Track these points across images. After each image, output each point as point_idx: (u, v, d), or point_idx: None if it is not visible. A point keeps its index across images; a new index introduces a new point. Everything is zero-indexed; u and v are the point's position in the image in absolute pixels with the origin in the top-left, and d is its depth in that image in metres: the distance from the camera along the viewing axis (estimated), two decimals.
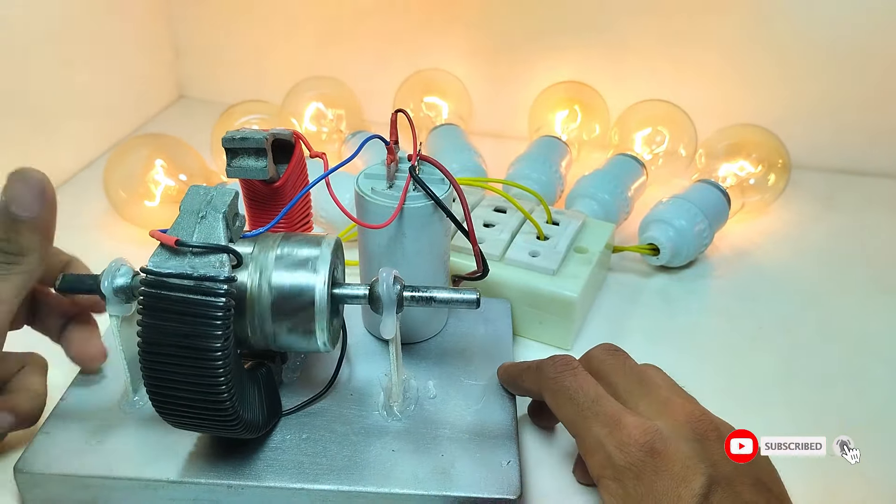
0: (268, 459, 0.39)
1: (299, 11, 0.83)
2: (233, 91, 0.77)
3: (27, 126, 0.67)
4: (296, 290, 0.37)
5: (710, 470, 0.33)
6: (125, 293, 0.38)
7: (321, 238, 0.39)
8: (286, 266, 0.37)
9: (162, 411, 0.36)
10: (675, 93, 0.71)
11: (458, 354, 0.47)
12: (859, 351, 0.53)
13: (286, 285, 0.37)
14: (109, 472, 0.38)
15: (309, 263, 0.37)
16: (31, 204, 0.36)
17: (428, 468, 0.38)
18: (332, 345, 0.39)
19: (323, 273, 0.37)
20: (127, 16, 0.80)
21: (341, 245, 0.41)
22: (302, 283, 0.37)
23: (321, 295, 0.37)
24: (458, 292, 0.38)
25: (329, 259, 0.38)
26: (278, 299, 0.37)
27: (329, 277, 0.37)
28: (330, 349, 0.39)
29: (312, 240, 0.39)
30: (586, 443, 0.36)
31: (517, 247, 0.54)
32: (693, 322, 0.56)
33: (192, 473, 0.38)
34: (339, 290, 0.39)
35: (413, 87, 0.77)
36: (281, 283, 0.37)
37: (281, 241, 0.38)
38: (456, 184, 0.44)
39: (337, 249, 0.39)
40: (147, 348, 0.34)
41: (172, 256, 0.34)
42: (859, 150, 0.76)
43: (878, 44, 0.71)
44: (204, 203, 0.36)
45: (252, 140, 0.39)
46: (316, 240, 0.39)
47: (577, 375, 0.38)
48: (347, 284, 0.39)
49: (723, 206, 0.62)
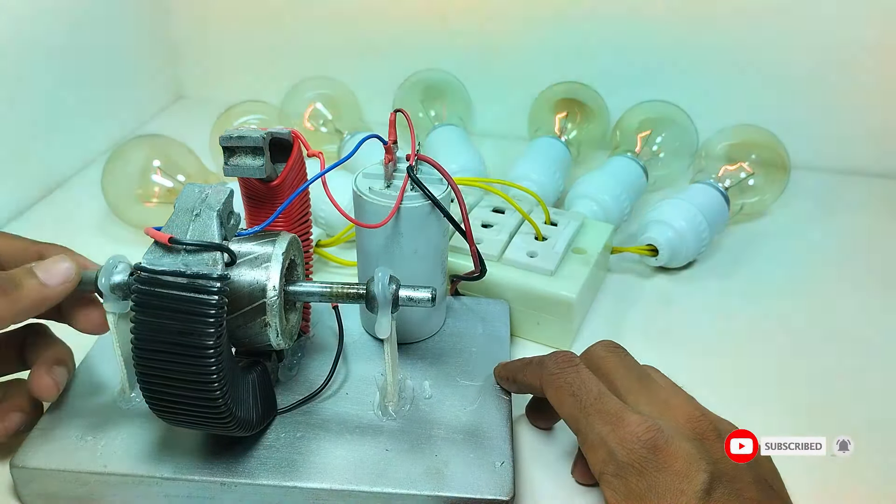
0: (262, 457, 0.39)
1: (298, 12, 0.83)
2: (232, 91, 0.77)
3: (27, 126, 0.67)
4: (247, 287, 0.37)
5: (711, 467, 0.33)
6: (122, 290, 0.38)
7: (276, 235, 0.39)
8: (240, 263, 0.37)
9: (155, 408, 0.36)
10: (676, 93, 0.71)
11: (455, 355, 0.47)
12: (859, 351, 0.53)
13: (239, 281, 0.37)
14: (104, 468, 0.38)
15: (261, 261, 0.37)
16: (52, 277, 0.38)
17: (421, 468, 0.38)
18: (288, 342, 0.39)
19: (274, 270, 0.37)
20: (126, 16, 0.80)
21: (298, 242, 0.41)
22: (253, 281, 0.37)
23: (272, 292, 0.37)
24: (415, 290, 0.38)
25: (281, 257, 0.38)
26: (231, 295, 0.37)
27: (281, 275, 0.37)
28: (285, 346, 0.39)
29: (267, 237, 0.39)
30: (588, 439, 0.36)
31: (515, 247, 0.53)
32: (692, 323, 0.56)
33: (186, 470, 0.38)
34: (293, 287, 0.39)
35: (413, 88, 0.77)
36: (234, 278, 0.37)
37: (238, 239, 0.39)
38: (454, 184, 0.44)
39: (291, 247, 0.39)
40: (140, 345, 0.34)
41: (166, 254, 0.34)
42: (859, 150, 0.76)
43: (879, 44, 0.71)
44: (198, 201, 0.36)
45: (249, 139, 0.39)
46: (271, 237, 0.39)
47: (580, 372, 0.38)
48: (304, 282, 0.40)
49: (722, 207, 0.61)
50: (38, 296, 0.37)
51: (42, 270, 0.38)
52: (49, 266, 0.38)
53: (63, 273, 0.38)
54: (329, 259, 0.59)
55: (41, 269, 0.38)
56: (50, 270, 0.38)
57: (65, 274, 0.38)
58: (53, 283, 0.38)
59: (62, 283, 0.38)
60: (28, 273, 0.37)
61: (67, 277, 0.38)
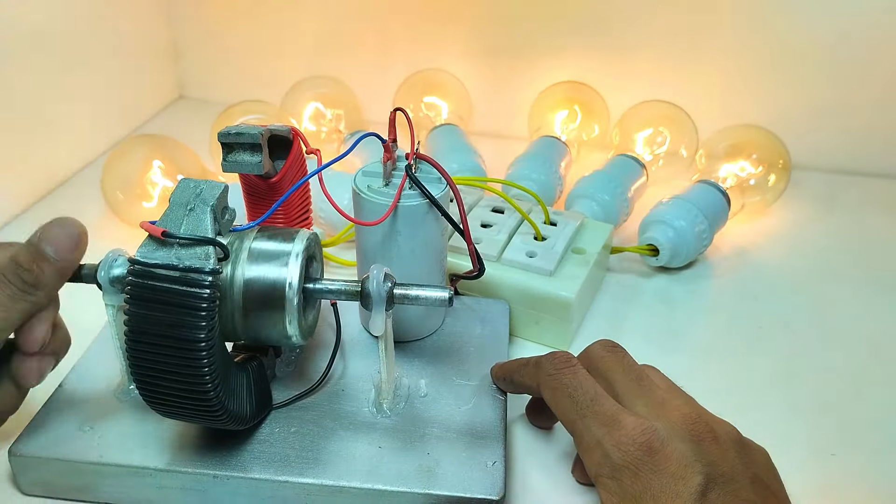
0: (255, 451, 0.39)
1: (299, 11, 0.83)
2: (232, 91, 0.77)
3: (27, 126, 0.67)
4: (267, 284, 0.37)
5: (707, 469, 0.33)
6: (121, 283, 0.38)
7: (296, 232, 0.39)
8: (258, 259, 0.37)
9: (149, 400, 0.36)
10: (676, 93, 0.71)
11: (452, 354, 0.47)
12: (859, 351, 0.52)
13: (257, 278, 0.37)
14: (99, 458, 0.39)
15: (281, 257, 0.37)
16: (64, 248, 0.38)
17: (413, 466, 0.38)
18: (305, 339, 0.39)
19: (294, 267, 0.37)
20: (126, 15, 0.80)
21: (318, 240, 0.41)
22: (272, 277, 0.37)
23: (292, 290, 0.37)
24: (432, 289, 0.38)
25: (301, 254, 0.38)
26: (249, 292, 0.37)
27: (301, 272, 0.37)
28: (302, 343, 0.39)
29: (287, 234, 0.39)
30: (584, 441, 0.36)
31: (514, 247, 0.53)
32: (692, 323, 0.55)
33: (179, 462, 0.38)
34: (312, 285, 0.39)
35: (413, 87, 0.77)
36: (252, 276, 0.37)
37: (257, 235, 0.39)
38: (452, 183, 0.43)
39: (312, 244, 0.39)
40: (133, 337, 0.34)
41: (160, 247, 0.34)
42: (860, 150, 0.75)
43: (879, 44, 0.70)
44: (193, 196, 0.36)
45: (247, 135, 0.39)
46: (291, 234, 0.39)
47: (577, 373, 0.38)
48: (324, 280, 0.39)
49: (723, 207, 0.61)
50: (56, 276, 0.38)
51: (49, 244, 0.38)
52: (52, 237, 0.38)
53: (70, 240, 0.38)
54: (329, 259, 0.59)
55: (49, 244, 0.38)
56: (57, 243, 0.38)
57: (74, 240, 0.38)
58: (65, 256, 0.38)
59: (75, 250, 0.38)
60: (37, 255, 0.37)
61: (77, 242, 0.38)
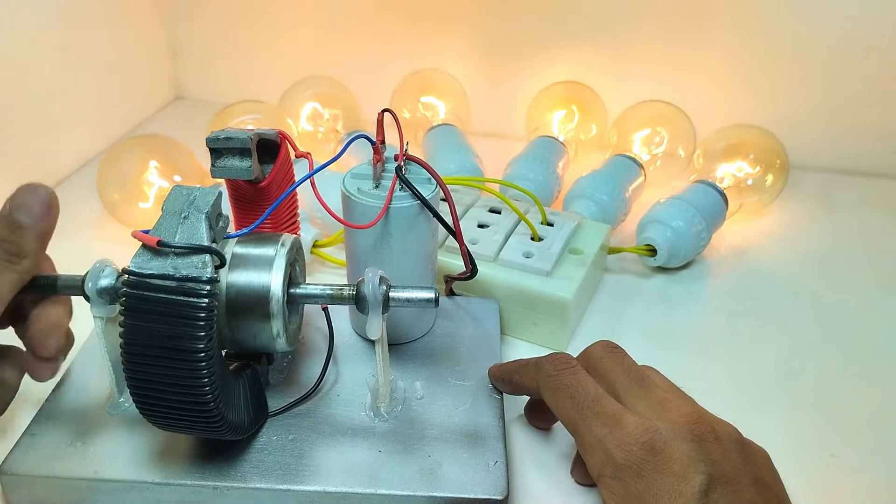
0: (254, 461, 0.38)
1: (296, 12, 0.83)
2: (230, 91, 0.77)
3: (25, 125, 0.67)
4: (251, 290, 0.37)
5: (709, 469, 0.33)
6: (109, 294, 0.38)
7: (279, 237, 0.39)
8: (242, 265, 0.37)
9: (146, 413, 0.35)
10: (674, 93, 0.71)
11: (445, 355, 0.46)
12: (859, 351, 0.52)
13: (241, 284, 0.37)
14: (94, 474, 0.38)
15: (264, 263, 0.37)
16: (37, 213, 0.37)
17: (415, 469, 0.38)
18: (292, 344, 0.39)
19: (279, 272, 0.37)
20: (124, 16, 0.80)
21: (300, 244, 0.41)
22: (256, 283, 0.37)
23: (276, 295, 0.37)
24: (419, 290, 0.38)
25: (285, 259, 0.37)
26: (233, 299, 0.37)
27: (285, 277, 0.37)
28: (288, 349, 0.39)
29: (270, 239, 0.39)
30: (586, 441, 0.36)
31: (511, 248, 0.53)
32: (691, 323, 0.55)
33: (177, 475, 0.38)
34: (296, 289, 0.39)
35: (410, 87, 0.77)
36: (236, 281, 0.37)
37: (239, 241, 0.38)
38: (443, 183, 0.43)
39: (294, 249, 0.39)
40: (130, 350, 0.34)
41: (155, 257, 0.34)
42: (858, 150, 0.75)
43: (877, 43, 0.70)
44: (186, 203, 0.36)
45: (236, 140, 0.39)
46: (273, 239, 0.39)
47: (577, 374, 0.38)
48: (306, 284, 0.39)
49: (720, 207, 0.61)
50: None
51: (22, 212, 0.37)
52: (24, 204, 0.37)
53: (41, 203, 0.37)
54: (326, 259, 0.59)
55: (21, 212, 0.37)
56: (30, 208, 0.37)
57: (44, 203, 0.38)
58: None
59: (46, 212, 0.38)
60: (13, 225, 0.37)
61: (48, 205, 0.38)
